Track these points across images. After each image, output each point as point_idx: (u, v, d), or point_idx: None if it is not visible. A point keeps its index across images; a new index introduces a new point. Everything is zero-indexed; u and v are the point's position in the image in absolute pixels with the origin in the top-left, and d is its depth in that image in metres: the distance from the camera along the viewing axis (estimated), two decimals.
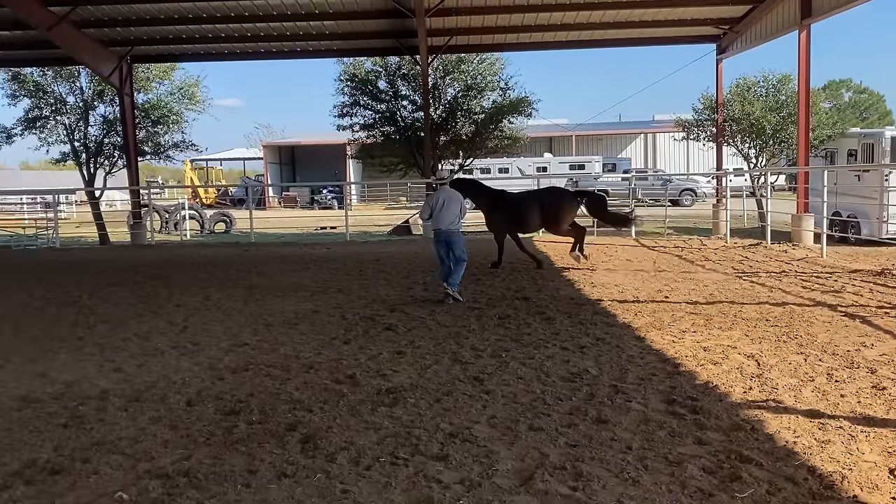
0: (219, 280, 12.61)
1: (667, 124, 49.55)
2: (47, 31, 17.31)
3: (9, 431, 5.13)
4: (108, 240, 22.47)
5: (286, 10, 18.13)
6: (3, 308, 10.30)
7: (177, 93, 24.05)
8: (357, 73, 23.29)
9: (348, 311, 9.50)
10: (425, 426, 4.99)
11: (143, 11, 18.11)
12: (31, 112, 23.43)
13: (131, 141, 21.39)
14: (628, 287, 10.81)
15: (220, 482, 4.14)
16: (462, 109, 22.81)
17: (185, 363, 7.01)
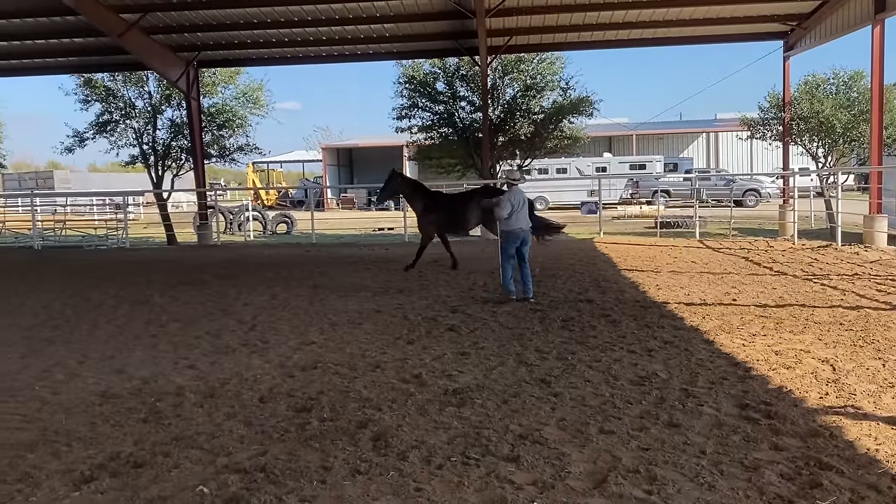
0: (283, 280, 12.84)
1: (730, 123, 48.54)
2: (118, 38, 17.89)
3: (92, 425, 5.32)
4: (176, 240, 23.08)
5: (348, 13, 18.36)
6: (81, 307, 10.68)
7: (241, 97, 24.58)
8: (416, 75, 23.43)
9: (410, 311, 9.57)
10: (494, 427, 5.00)
11: (209, 17, 18.57)
12: (102, 116, 24.23)
13: (198, 144, 21.95)
14: (694, 289, 10.63)
15: (295, 478, 4.22)
16: (521, 109, 22.74)
17: (256, 361, 7.17)
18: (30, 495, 4.12)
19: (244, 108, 24.58)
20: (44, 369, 7.02)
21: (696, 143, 54.73)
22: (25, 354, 7.67)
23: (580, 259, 14.55)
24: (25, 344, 8.19)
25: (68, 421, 5.43)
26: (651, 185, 37.29)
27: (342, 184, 56.85)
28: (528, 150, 23.54)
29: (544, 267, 13.12)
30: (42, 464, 4.57)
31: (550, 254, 15.47)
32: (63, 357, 7.52)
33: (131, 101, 24.07)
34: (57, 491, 4.16)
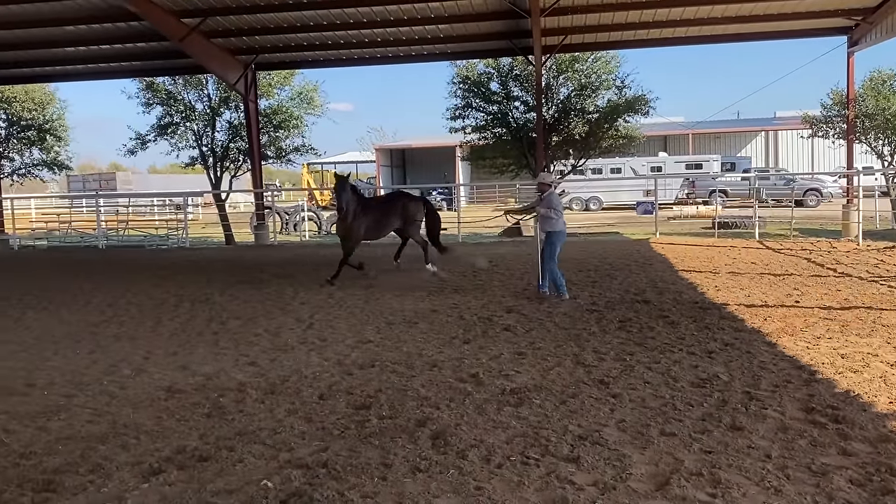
0: (339, 279, 12.96)
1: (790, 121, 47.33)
2: (179, 42, 18.30)
3: (159, 420, 5.47)
4: (234, 240, 23.53)
5: (402, 14, 18.46)
6: (145, 304, 10.98)
7: (297, 98, 24.92)
8: (469, 76, 23.43)
9: (465, 311, 9.59)
10: (553, 427, 4.98)
11: (267, 20, 18.87)
12: (163, 119, 24.80)
13: (255, 145, 22.33)
14: (755, 291, 10.41)
15: (357, 474, 4.27)
16: (575, 109, 22.52)
17: (315, 358, 7.28)
18: (101, 486, 4.25)
19: (300, 109, 24.91)
20: (111, 364, 7.24)
21: (754, 141, 53.50)
22: (93, 350, 7.93)
23: (636, 260, 14.37)
24: (93, 340, 8.46)
25: (136, 415, 5.59)
26: (708, 185, 36.58)
27: (395, 184, 57.19)
28: (582, 150, 23.31)
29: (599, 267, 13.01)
30: (112, 456, 4.72)
31: (606, 254, 15.33)
32: (129, 353, 7.75)
33: (191, 104, 24.59)
34: (127, 482, 4.29)
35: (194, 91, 24.58)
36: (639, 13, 18.55)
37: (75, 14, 18.06)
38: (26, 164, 27.27)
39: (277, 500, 3.97)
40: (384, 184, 55.10)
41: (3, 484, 4.31)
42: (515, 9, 17.72)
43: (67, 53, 21.46)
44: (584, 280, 11.92)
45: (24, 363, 7.39)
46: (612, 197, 38.65)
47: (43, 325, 9.43)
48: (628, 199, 36.85)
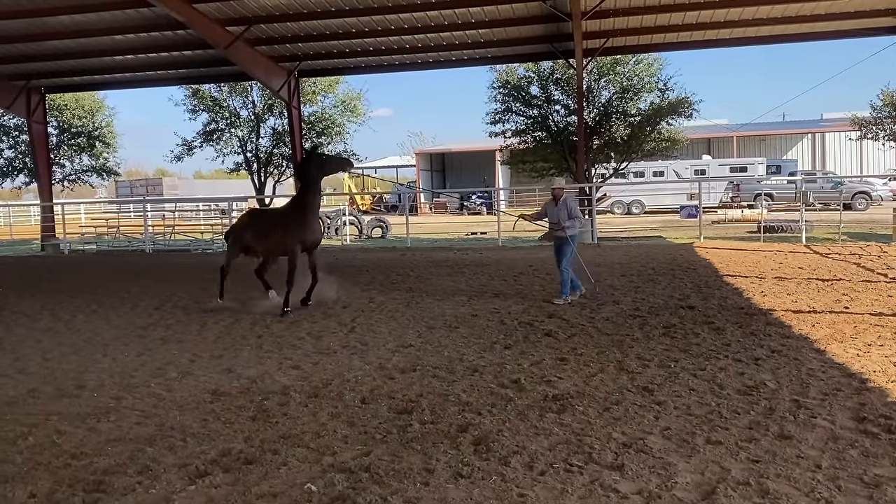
0: (380, 283, 13.06)
1: (838, 123, 46.31)
2: (225, 49, 18.64)
3: (205, 422, 5.55)
4: None
5: (443, 20, 18.53)
6: (190, 307, 11.16)
7: (339, 105, 25.18)
8: (510, 80, 23.41)
9: (506, 316, 9.56)
10: (597, 434, 4.94)
11: (310, 28, 19.10)
12: (209, 125, 25.30)
13: (298, 151, 22.59)
14: (802, 296, 10.20)
15: (399, 479, 4.28)
16: (617, 112, 22.38)
17: (356, 362, 7.32)
18: (149, 487, 4.33)
19: (342, 116, 25.17)
20: (158, 367, 7.37)
21: (800, 144, 52.43)
22: (141, 353, 8.08)
23: (680, 264, 14.18)
24: (141, 343, 8.62)
25: (182, 417, 5.68)
26: (753, 188, 35.97)
27: (435, 188, 57.32)
28: (624, 153, 23.14)
29: (641, 272, 12.86)
30: (160, 457, 4.80)
31: (649, 259, 15.17)
32: (175, 356, 7.88)
33: (236, 111, 25.04)
34: (174, 484, 4.36)
35: (239, 98, 25.05)
36: (682, 15, 18.35)
37: (124, 23, 18.51)
38: (76, 170, 28.06)
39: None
40: (424, 186, 55.24)
41: (56, 484, 4.41)
42: (556, 12, 17.67)
43: (116, 62, 21.99)
44: (627, 285, 11.81)
45: (75, 365, 7.56)
46: (655, 200, 38.22)
47: (92, 328, 9.65)
48: (671, 203, 36.42)
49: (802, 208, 20.33)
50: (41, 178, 24.71)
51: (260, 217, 12.13)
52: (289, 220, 10.71)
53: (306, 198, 10.76)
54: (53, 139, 26.69)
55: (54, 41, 19.76)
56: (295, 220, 10.64)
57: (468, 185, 52.96)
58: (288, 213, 10.91)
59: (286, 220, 10.80)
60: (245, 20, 18.27)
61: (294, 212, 10.78)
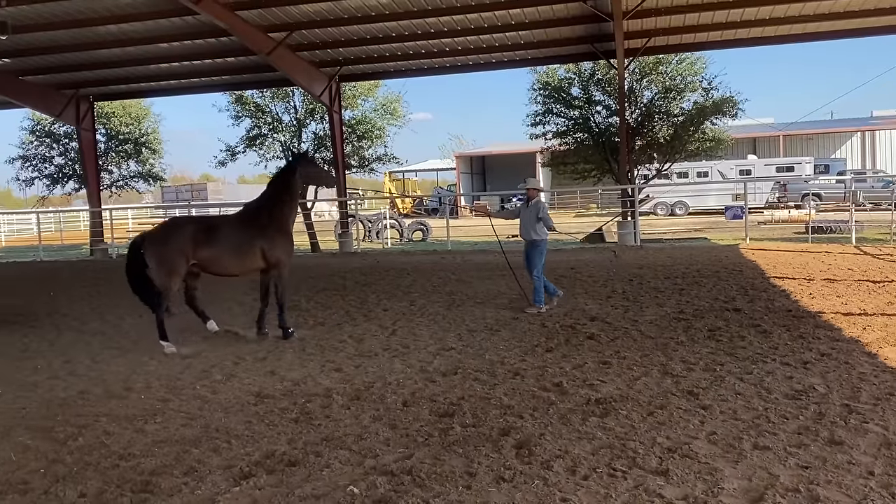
0: (420, 286, 13.08)
1: (889, 120, 45.14)
2: (267, 55, 18.88)
3: (249, 424, 5.61)
4: (319, 248, 24.02)
5: (483, 23, 18.50)
6: (235, 310, 11.31)
7: (380, 108, 25.32)
8: (550, 81, 23.28)
9: (548, 319, 9.50)
10: (641, 439, 4.87)
11: (351, 33, 19.24)
12: (252, 131, 25.61)
13: (339, 155, 22.79)
14: (852, 298, 9.94)
15: (441, 482, 4.28)
16: (660, 112, 22.08)
17: (398, 365, 7.34)
18: (195, 488, 4.39)
19: (382, 120, 25.30)
20: (203, 370, 7.48)
21: (849, 142, 51.18)
22: (187, 355, 8.20)
23: (725, 266, 13.94)
24: (187, 346, 8.75)
25: (227, 419, 5.76)
26: (800, 188, 35.25)
27: (475, 191, 57.33)
28: (667, 154, 22.81)
29: (686, 274, 12.68)
30: (205, 459, 4.87)
31: (693, 260, 14.95)
32: (220, 358, 7.99)
33: (278, 116, 25.31)
34: (219, 485, 4.41)
35: (281, 103, 25.30)
36: (725, 13, 18.05)
37: (169, 31, 18.86)
38: (124, 176, 28.64)
39: None
40: (464, 191, 55.27)
41: (105, 484, 4.50)
42: (597, 13, 17.53)
43: (161, 70, 22.42)
44: (671, 287, 11.64)
45: (123, 367, 7.71)
46: (699, 201, 37.66)
47: (139, 331, 9.83)
48: (716, 204, 35.86)
49: (852, 208, 19.84)
50: (90, 184, 25.30)
51: (208, 225, 9.13)
52: (273, 227, 9.05)
53: (286, 205, 9.25)
54: (101, 146, 27.28)
55: (102, 50, 20.22)
56: (283, 229, 9.17)
57: (508, 188, 52.82)
58: (269, 220, 9.08)
59: (269, 226, 9.03)
60: (287, 26, 18.49)
61: (274, 219, 9.11)
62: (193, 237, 8.69)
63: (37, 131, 28.29)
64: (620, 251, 17.44)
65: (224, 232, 8.97)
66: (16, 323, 10.91)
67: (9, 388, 7.03)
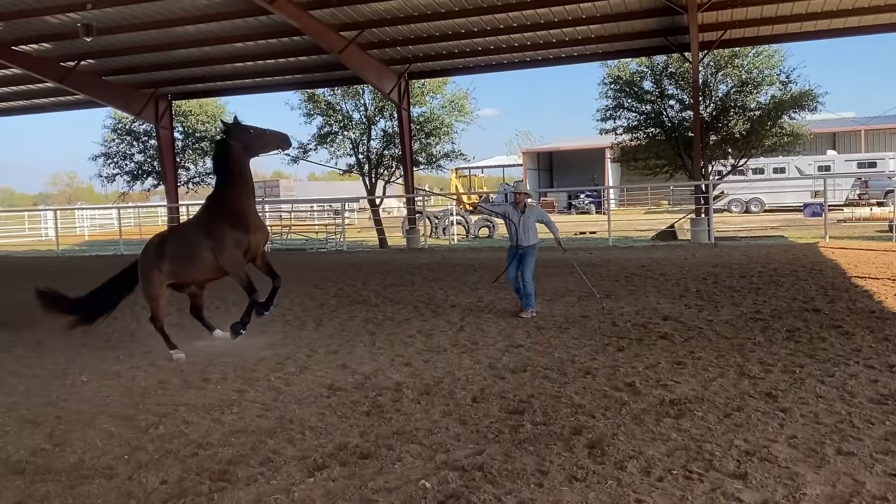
0: (488, 282, 13.05)
1: None
2: (338, 54, 19.16)
3: (322, 416, 5.70)
4: (387, 244, 24.27)
5: (553, 17, 18.36)
6: (307, 304, 11.52)
7: (448, 105, 25.40)
8: (622, 75, 22.94)
9: (618, 317, 9.36)
10: (717, 441, 4.75)
11: (420, 30, 19.36)
12: (323, 129, 26.02)
13: (408, 152, 22.97)
14: None
15: (513, 479, 4.26)
16: (735, 106, 21.51)
17: (467, 361, 7.34)
18: (271, 478, 4.48)
19: (450, 116, 25.37)
20: (277, 362, 7.64)
21: None
22: (262, 347, 8.39)
23: (804, 265, 13.50)
24: (262, 338, 8.95)
25: (300, 411, 5.86)
26: (883, 185, 33.84)
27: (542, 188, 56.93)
28: (742, 149, 22.22)
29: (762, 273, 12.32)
30: (280, 449, 4.96)
31: (770, 259, 14.53)
32: (293, 351, 8.15)
33: (349, 114, 25.66)
34: (294, 476, 4.49)
35: (352, 101, 25.63)
36: (805, 4, 17.48)
37: (244, 31, 19.32)
38: (200, 172, 29.48)
39: (436, 501, 4.03)
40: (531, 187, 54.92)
41: (184, 472, 4.64)
42: (671, 5, 17.19)
43: (237, 69, 23.00)
44: (747, 286, 11.33)
45: (200, 358, 7.93)
46: (776, 198, 36.52)
47: (217, 322, 10.07)
48: (793, 201, 34.72)
49: None
50: (168, 180, 26.17)
51: (173, 234, 8.85)
52: (213, 225, 8.01)
53: (230, 189, 8.08)
54: (179, 143, 28.15)
55: (180, 50, 20.87)
56: (223, 223, 7.96)
57: (576, 184, 52.29)
58: (211, 217, 8.14)
59: (210, 226, 8.05)
60: (358, 25, 18.72)
61: (218, 212, 8.08)
62: (160, 250, 8.23)
63: (118, 129, 29.41)
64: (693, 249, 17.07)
65: (178, 240, 8.32)
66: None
67: (93, 376, 7.31)
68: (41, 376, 7.44)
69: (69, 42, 19.72)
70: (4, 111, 29.02)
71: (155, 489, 4.39)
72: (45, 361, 8.11)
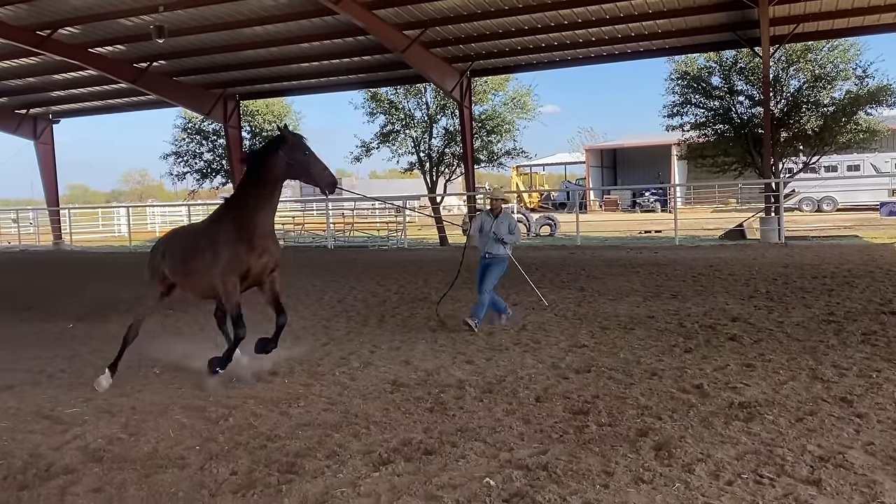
0: (549, 281, 12.98)
1: None
2: (402, 53, 19.30)
3: (386, 411, 5.76)
4: (447, 241, 24.32)
5: (619, 12, 18.11)
6: (370, 301, 11.65)
7: (510, 102, 25.32)
8: (689, 71, 22.49)
9: (685, 318, 9.18)
10: (789, 446, 4.62)
11: (483, 28, 19.35)
12: (385, 127, 26.26)
13: (469, 150, 22.99)
14: None
15: (578, 479, 4.22)
16: (808, 102, 20.86)
17: (529, 360, 7.31)
18: (337, 471, 4.54)
19: (512, 114, 25.29)
20: (342, 357, 7.75)
21: None
22: (326, 343, 8.53)
23: (880, 266, 13.01)
24: (326, 333, 9.10)
25: (365, 405, 5.93)
26: None
27: (605, 185, 56.27)
28: (815, 146, 21.54)
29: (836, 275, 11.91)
30: (345, 443, 5.03)
31: (844, 259, 14.06)
32: (357, 347, 8.25)
33: (411, 113, 25.82)
34: (359, 470, 4.55)
35: (414, 100, 25.78)
36: None
37: (310, 31, 19.66)
38: None
39: (500, 499, 4.02)
40: (594, 185, 54.33)
41: (253, 463, 4.74)
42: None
43: (302, 69, 23.41)
44: (819, 287, 10.98)
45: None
46: (849, 197, 35.28)
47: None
48: (869, 200, 33.45)
49: None
50: (235, 178, 26.74)
51: (180, 234, 7.74)
52: (218, 238, 6.73)
53: (253, 199, 6.77)
54: (246, 142, 28.79)
55: (248, 51, 21.35)
56: (230, 238, 6.67)
57: (640, 181, 51.50)
58: (220, 226, 6.83)
59: (213, 237, 6.79)
60: (421, 23, 18.82)
61: (228, 224, 6.75)
62: (165, 250, 7.22)
63: (188, 129, 30.23)
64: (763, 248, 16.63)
65: (183, 242, 7.20)
66: (170, 308, 11.69)
67: (165, 369, 7.54)
68: None
69: (142, 44, 20.38)
70: (80, 111, 30.19)
71: (225, 479, 4.50)
72: None
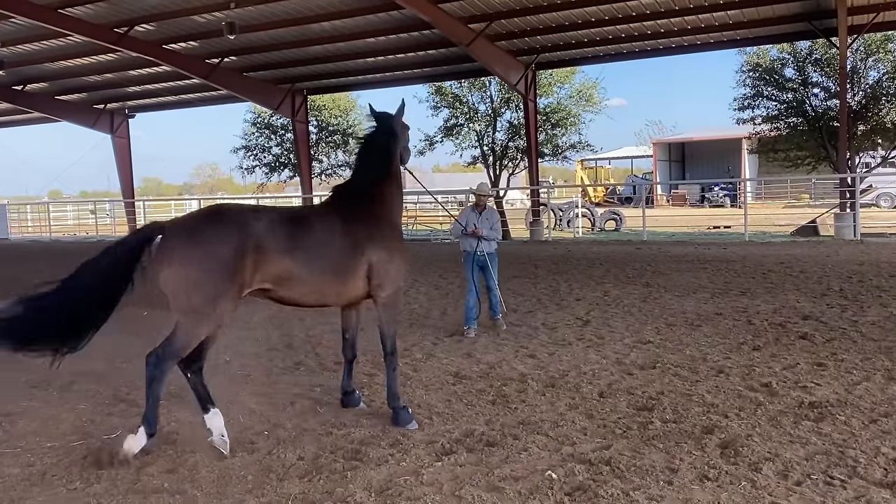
0: (614, 276, 12.85)
1: None
2: (467, 46, 19.30)
3: (448, 403, 5.82)
4: (509, 235, 24.28)
5: (688, 3, 17.72)
6: (432, 294, 11.72)
7: (575, 95, 25.08)
8: (761, 62, 21.89)
9: (754, 315, 8.98)
10: (862, 447, 4.50)
11: (548, 20, 19.20)
12: (449, 121, 26.32)
13: (533, 144, 22.87)
14: None
15: (641, 475, 4.20)
16: (888, 94, 20.07)
17: (592, 355, 7.27)
18: (400, 460, 4.62)
19: (578, 107, 25.04)
20: (406, 348, 7.82)
21: None
22: None
23: None
24: None
25: (428, 396, 6.01)
26: None
27: (673, 179, 55.17)
28: (894, 140, 20.72)
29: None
30: (408, 433, 5.11)
31: None
32: (420, 338, 8.34)
33: (474, 106, 25.82)
34: (422, 459, 4.61)
35: (478, 93, 25.77)
36: None
37: (376, 26, 19.85)
38: (332, 164, 30.54)
39: (562, 493, 4.03)
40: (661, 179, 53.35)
41: (319, 449, 4.85)
42: None
43: (368, 64, 23.64)
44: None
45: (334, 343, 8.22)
46: None
47: None
48: None
49: None
50: (303, 172, 27.27)
51: (290, 216, 5.25)
52: (380, 224, 5.51)
53: (392, 189, 5.72)
54: (313, 137, 29.26)
55: (315, 46, 21.67)
56: (395, 229, 5.70)
57: (709, 176, 50.34)
58: (375, 213, 5.54)
59: (376, 224, 5.49)
60: (486, 17, 18.78)
61: (384, 218, 5.59)
62: (262, 234, 4.91)
63: (257, 123, 30.88)
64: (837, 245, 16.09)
65: (316, 231, 5.18)
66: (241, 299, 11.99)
67: (235, 357, 7.75)
68: None
69: (214, 40, 20.91)
70: (154, 106, 31.15)
71: (293, 465, 4.62)
72: None
